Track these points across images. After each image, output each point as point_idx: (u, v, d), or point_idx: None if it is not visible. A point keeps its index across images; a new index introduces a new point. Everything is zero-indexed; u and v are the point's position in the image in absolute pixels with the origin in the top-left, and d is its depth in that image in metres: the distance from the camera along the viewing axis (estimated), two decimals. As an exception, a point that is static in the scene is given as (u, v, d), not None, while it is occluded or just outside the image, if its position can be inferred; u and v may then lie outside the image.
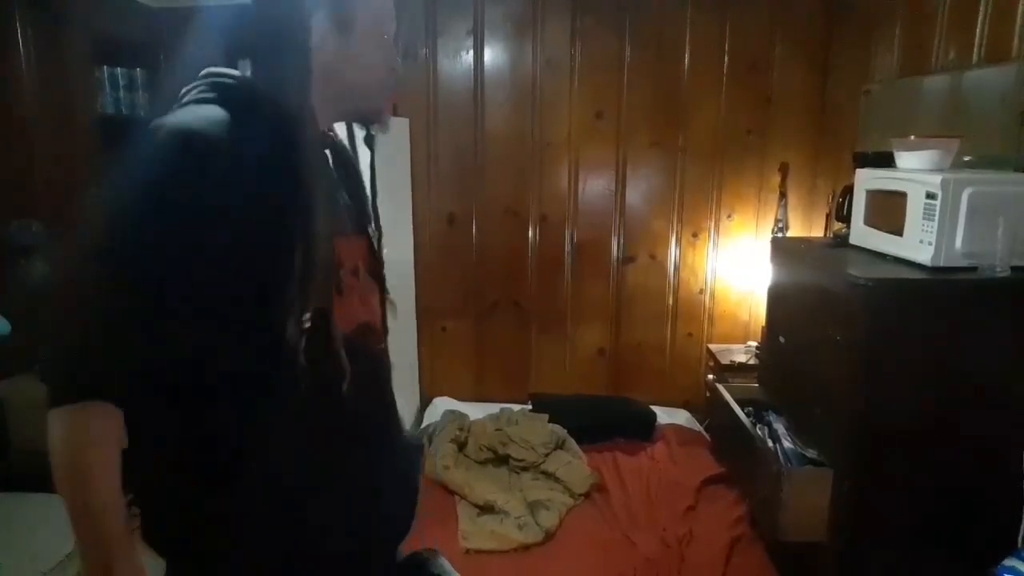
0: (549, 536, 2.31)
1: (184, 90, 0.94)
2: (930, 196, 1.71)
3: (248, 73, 0.97)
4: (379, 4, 1.00)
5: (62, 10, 2.76)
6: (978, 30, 2.05)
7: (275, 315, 0.86)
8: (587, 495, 2.57)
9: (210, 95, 0.91)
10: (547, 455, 2.77)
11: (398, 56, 1.06)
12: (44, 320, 0.84)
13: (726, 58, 3.15)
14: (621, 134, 3.25)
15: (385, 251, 1.12)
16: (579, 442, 2.89)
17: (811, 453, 2.00)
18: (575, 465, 2.70)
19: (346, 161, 1.08)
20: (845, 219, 2.17)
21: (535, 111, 3.26)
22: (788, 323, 2.30)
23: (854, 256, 1.99)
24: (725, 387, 2.52)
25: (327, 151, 1.03)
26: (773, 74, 3.14)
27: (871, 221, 2.00)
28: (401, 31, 3.23)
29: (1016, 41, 1.91)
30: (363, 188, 1.10)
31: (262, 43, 0.96)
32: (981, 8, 2.04)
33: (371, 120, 1.07)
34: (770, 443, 2.12)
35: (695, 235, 3.33)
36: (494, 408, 3.21)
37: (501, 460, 2.80)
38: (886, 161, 1.98)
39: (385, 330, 1.11)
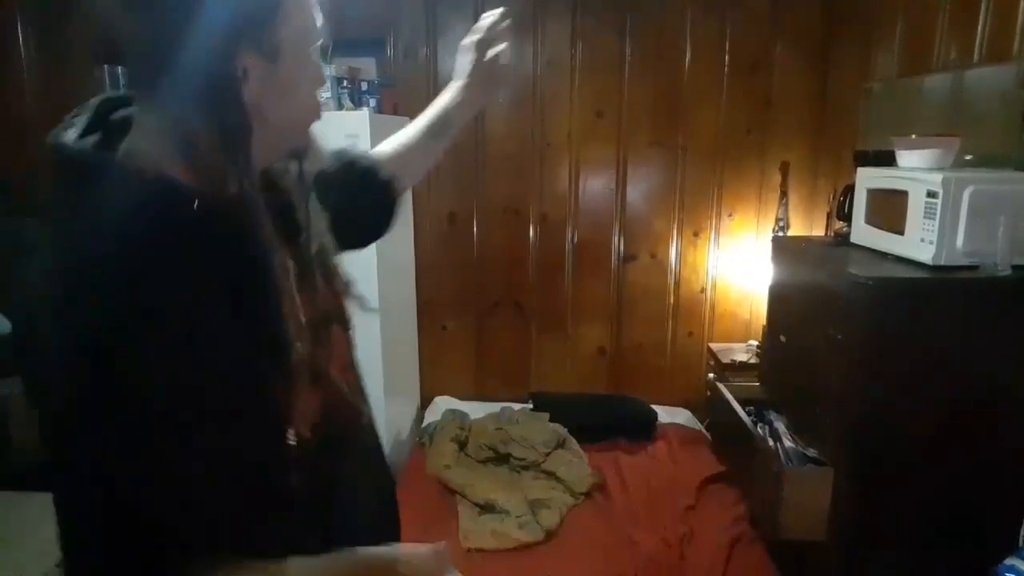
0: (550, 535, 2.31)
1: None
2: (931, 195, 1.71)
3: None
4: (302, 14, 0.78)
5: (63, 9, 2.77)
6: (979, 29, 2.05)
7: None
8: (588, 494, 2.57)
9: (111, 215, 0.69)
10: (548, 454, 2.77)
11: (325, 71, 0.86)
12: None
13: (726, 57, 3.15)
14: (622, 133, 3.25)
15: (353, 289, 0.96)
16: (580, 441, 2.89)
17: (812, 452, 2.00)
18: (576, 464, 2.70)
19: (283, 208, 0.86)
20: (846, 218, 2.17)
21: (536, 110, 3.26)
22: (789, 322, 2.30)
23: (855, 255, 1.99)
24: (726, 386, 2.52)
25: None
26: (773, 73, 3.14)
27: (872, 220, 2.00)
28: (401, 32, 3.25)
29: (1017, 40, 1.90)
30: (309, 231, 0.88)
31: (186, 104, 0.71)
32: (982, 7, 2.03)
33: (300, 155, 0.87)
34: (771, 442, 2.12)
35: (696, 234, 3.33)
36: (495, 407, 3.21)
37: (502, 459, 2.80)
38: (887, 160, 1.98)
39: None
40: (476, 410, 3.17)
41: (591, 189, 3.32)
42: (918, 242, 1.75)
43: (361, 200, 1.12)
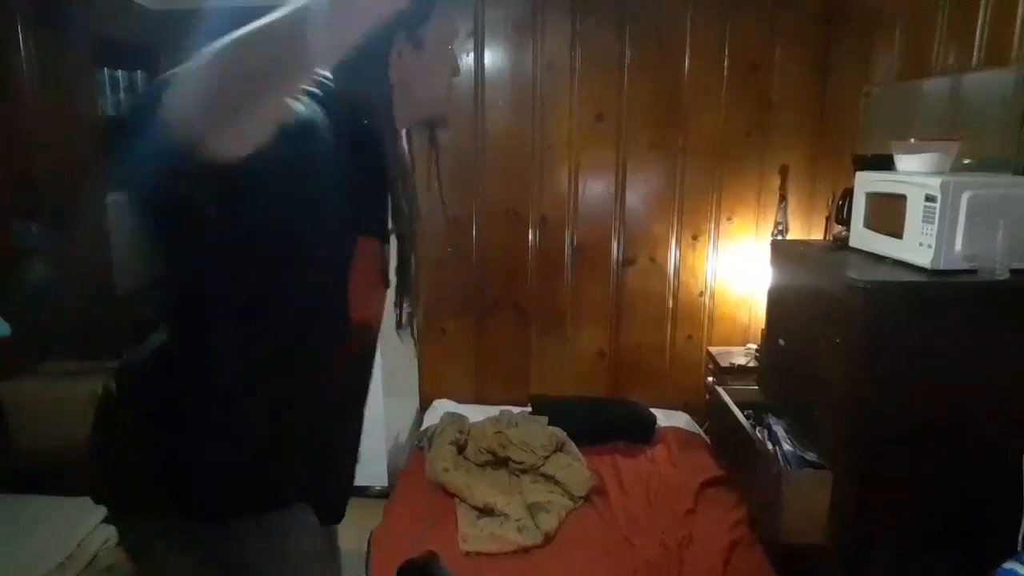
0: (549, 539, 2.31)
1: None
2: (930, 199, 1.71)
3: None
4: (446, 19, 1.07)
5: (63, 12, 2.77)
6: (978, 33, 2.05)
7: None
8: (587, 498, 2.57)
9: (317, 91, 0.97)
10: (547, 457, 2.77)
11: (459, 64, 1.16)
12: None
13: (726, 60, 3.15)
14: (621, 136, 3.25)
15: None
16: (579, 444, 2.89)
17: (810, 455, 2.00)
18: (575, 468, 2.70)
19: (403, 164, 1.15)
20: (845, 222, 2.18)
21: (535, 113, 3.26)
22: (788, 325, 2.30)
23: (854, 259, 1.99)
24: (725, 389, 2.52)
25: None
26: (773, 76, 3.15)
27: (871, 224, 2.01)
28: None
29: (1016, 44, 1.91)
30: (406, 190, 1.16)
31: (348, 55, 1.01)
32: (981, 11, 2.04)
33: (436, 124, 1.17)
34: (769, 445, 2.12)
35: (695, 237, 3.33)
36: (494, 410, 3.21)
37: (501, 462, 2.80)
38: (886, 164, 1.99)
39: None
40: (475, 413, 3.17)
41: (590, 192, 3.32)
42: (916, 246, 1.75)
43: None
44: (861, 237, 2.05)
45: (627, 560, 2.19)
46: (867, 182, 2.04)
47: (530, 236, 3.38)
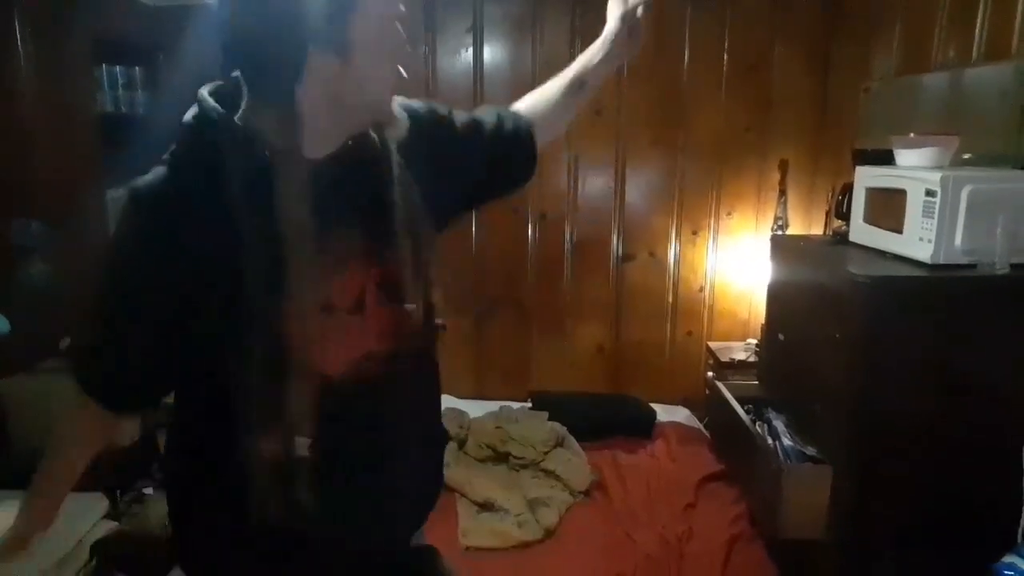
0: (549, 534, 2.31)
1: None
2: (930, 193, 1.71)
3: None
4: (380, 8, 0.88)
5: (61, 9, 2.76)
6: (978, 28, 2.05)
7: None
8: (587, 493, 2.58)
9: (177, 150, 0.92)
10: (547, 453, 2.77)
11: (408, 42, 0.95)
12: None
13: (726, 55, 3.15)
14: (621, 132, 3.25)
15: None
16: (579, 440, 2.89)
17: (810, 450, 2.00)
18: (575, 463, 2.71)
19: (364, 177, 0.95)
20: (845, 217, 2.17)
21: (534, 109, 3.25)
22: (788, 321, 2.30)
23: (854, 253, 1.99)
24: (725, 385, 2.52)
25: (330, 177, 0.91)
26: (773, 72, 3.14)
27: (871, 219, 2.00)
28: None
29: (1016, 39, 1.90)
30: (393, 197, 0.96)
31: (252, 75, 0.89)
32: (981, 6, 2.03)
33: (378, 122, 0.97)
34: (769, 441, 2.13)
35: (695, 233, 3.33)
36: (494, 406, 3.21)
37: (501, 458, 2.80)
38: (886, 158, 1.98)
39: (421, 338, 1.05)
40: (475, 409, 3.17)
41: (590, 188, 3.32)
42: (916, 241, 1.75)
43: (509, 153, 1.28)
44: (861, 232, 2.05)
45: (627, 555, 2.19)
46: (867, 177, 2.03)
47: (529, 232, 3.38)
